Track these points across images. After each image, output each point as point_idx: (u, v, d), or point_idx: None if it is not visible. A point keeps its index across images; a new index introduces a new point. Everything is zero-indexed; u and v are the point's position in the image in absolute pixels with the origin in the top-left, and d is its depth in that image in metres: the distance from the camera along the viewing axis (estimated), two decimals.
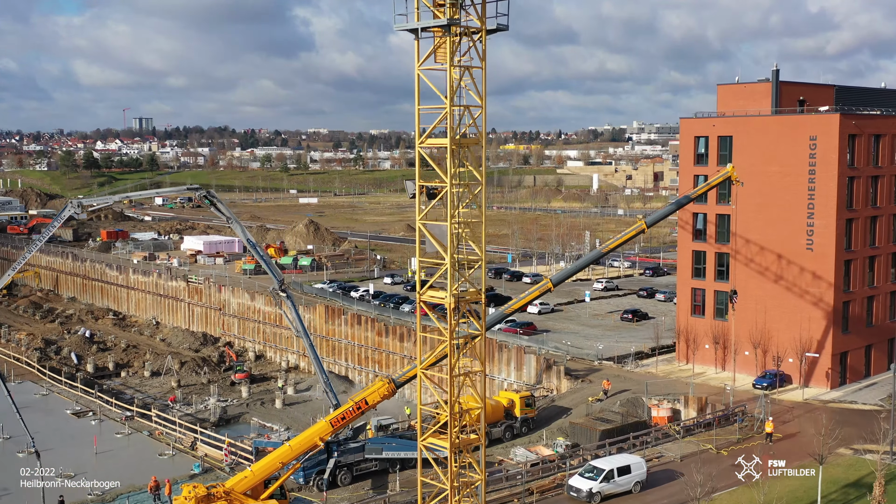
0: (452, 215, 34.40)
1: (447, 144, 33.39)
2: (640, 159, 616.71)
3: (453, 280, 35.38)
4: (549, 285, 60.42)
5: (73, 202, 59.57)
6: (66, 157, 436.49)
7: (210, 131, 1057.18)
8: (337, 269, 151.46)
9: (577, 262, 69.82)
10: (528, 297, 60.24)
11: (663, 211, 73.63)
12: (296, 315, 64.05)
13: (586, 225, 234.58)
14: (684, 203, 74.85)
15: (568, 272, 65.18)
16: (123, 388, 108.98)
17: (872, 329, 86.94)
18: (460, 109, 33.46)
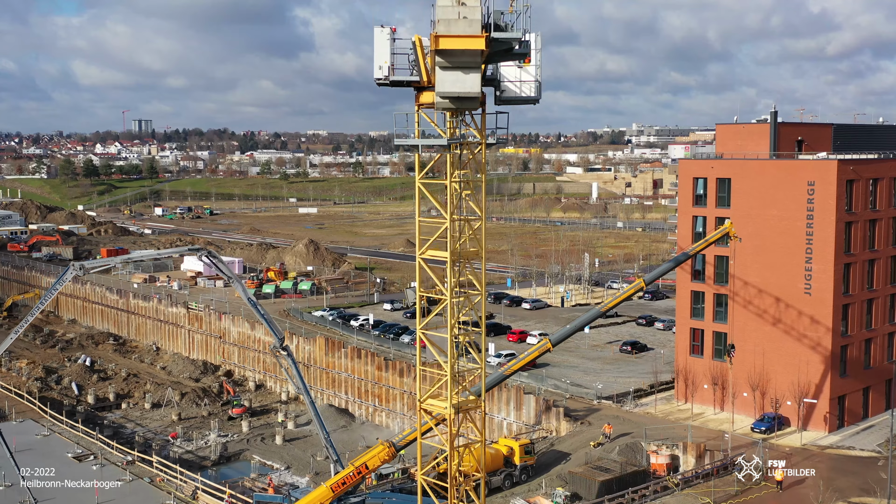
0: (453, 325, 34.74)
1: (447, 258, 33.74)
2: (640, 164, 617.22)
3: (454, 387, 35.76)
4: (549, 345, 60.83)
5: (76, 265, 59.96)
6: (65, 166, 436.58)
7: (209, 133, 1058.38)
8: (336, 293, 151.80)
9: (576, 321, 70.25)
10: (528, 358, 60.71)
11: (662, 269, 74.04)
12: (296, 372, 64.39)
13: (585, 239, 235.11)
14: (682, 260, 75.24)
15: (567, 332, 65.61)
16: (124, 422, 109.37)
17: (870, 371, 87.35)
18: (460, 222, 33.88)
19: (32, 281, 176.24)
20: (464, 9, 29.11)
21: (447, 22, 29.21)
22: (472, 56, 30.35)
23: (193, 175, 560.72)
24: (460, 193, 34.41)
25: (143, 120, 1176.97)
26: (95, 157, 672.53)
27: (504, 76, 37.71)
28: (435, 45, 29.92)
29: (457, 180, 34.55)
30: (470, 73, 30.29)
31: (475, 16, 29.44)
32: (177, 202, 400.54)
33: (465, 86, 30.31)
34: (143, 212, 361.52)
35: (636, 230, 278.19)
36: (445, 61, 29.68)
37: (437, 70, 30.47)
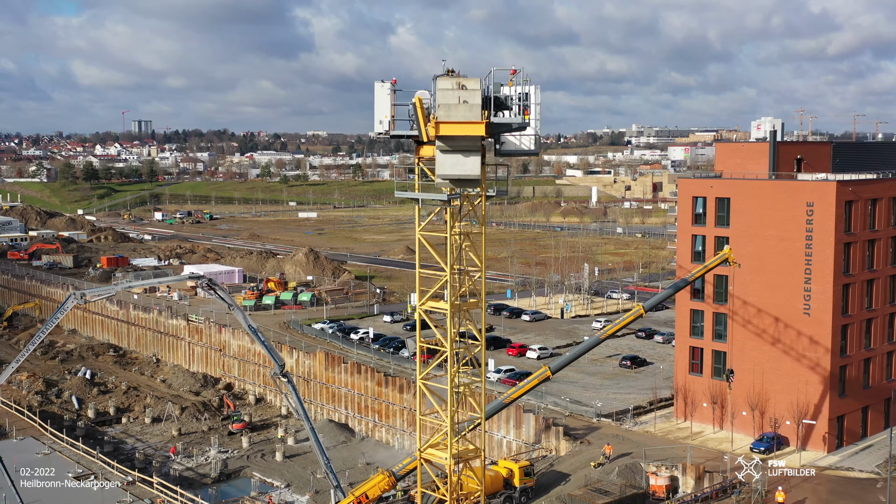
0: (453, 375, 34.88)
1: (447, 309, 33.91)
2: (640, 166, 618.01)
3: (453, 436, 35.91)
4: (549, 373, 61.00)
5: (76, 293, 60.11)
6: (65, 169, 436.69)
7: (209, 134, 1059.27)
8: (336, 304, 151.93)
9: (575, 350, 70.40)
10: (528, 387, 60.88)
11: (661, 295, 74.26)
12: (296, 398, 64.55)
13: (585, 246, 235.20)
14: (682, 286, 75.43)
15: (567, 360, 65.81)
16: (125, 437, 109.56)
17: (869, 390, 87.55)
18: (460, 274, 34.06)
19: (33, 290, 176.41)
20: (464, 93, 29.28)
21: (447, 107, 29.36)
22: (473, 141, 30.53)
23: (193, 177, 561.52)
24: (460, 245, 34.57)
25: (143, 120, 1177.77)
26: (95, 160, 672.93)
27: None
28: (436, 132, 30.09)
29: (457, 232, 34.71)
30: (470, 157, 30.51)
31: (475, 100, 29.59)
32: (177, 206, 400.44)
33: (466, 168, 30.54)
34: (143, 216, 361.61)
35: (636, 236, 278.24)
36: (446, 145, 29.85)
37: (438, 153, 30.65)
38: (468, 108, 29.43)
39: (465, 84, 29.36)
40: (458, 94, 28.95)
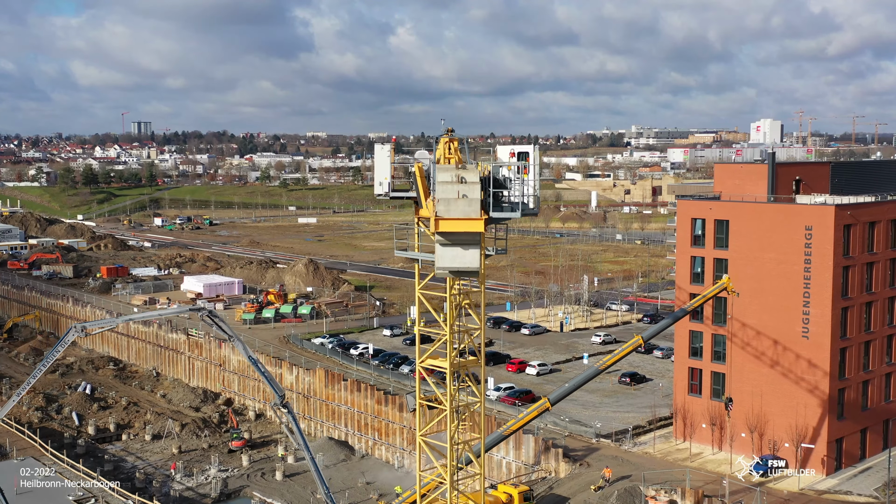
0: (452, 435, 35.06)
1: (446, 368, 34.10)
2: (639, 168, 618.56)
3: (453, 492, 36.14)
4: (548, 405, 61.19)
5: (77, 326, 60.32)
6: (65, 174, 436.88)
7: (209, 136, 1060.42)
8: (336, 317, 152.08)
9: (574, 380, 70.55)
10: (527, 419, 61.08)
11: (660, 325, 74.45)
12: (297, 429, 64.68)
13: (585, 253, 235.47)
14: (681, 316, 75.63)
15: (566, 391, 66.00)
16: (125, 454, 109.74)
17: (868, 412, 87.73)
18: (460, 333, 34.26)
19: (32, 301, 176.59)
20: (464, 187, 29.43)
21: (447, 202, 29.52)
22: (472, 235, 30.70)
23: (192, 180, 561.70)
24: (460, 303, 34.77)
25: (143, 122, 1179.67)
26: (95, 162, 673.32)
27: None
28: (435, 228, 30.27)
29: (456, 291, 34.91)
30: (469, 249, 30.69)
31: (475, 194, 29.79)
32: (176, 210, 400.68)
33: (465, 262, 30.74)
34: (143, 222, 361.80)
35: (635, 243, 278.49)
36: (445, 239, 30.02)
37: (437, 246, 30.83)
38: (467, 203, 29.58)
39: (464, 176, 29.47)
40: (457, 188, 29.08)
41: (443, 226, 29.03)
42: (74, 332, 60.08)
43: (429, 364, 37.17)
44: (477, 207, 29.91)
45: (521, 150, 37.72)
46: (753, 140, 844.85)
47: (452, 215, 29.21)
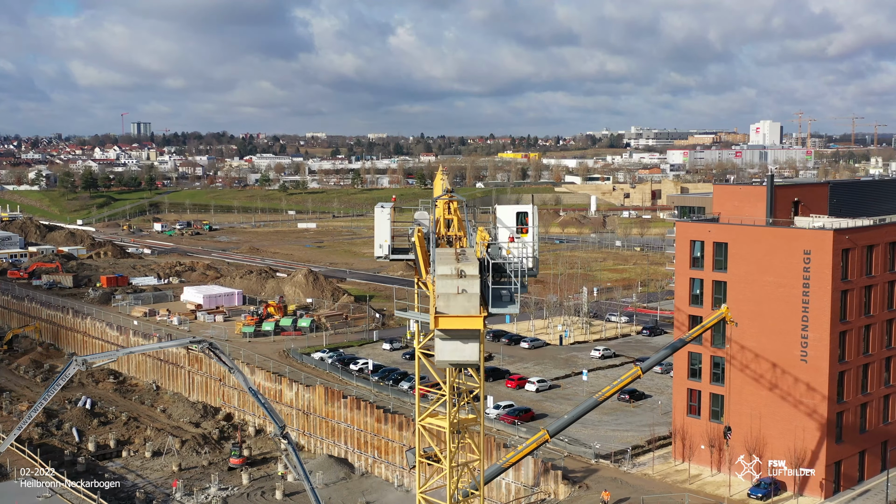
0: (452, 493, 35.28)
1: (446, 427, 34.30)
2: (639, 170, 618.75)
3: None
4: (547, 437, 61.41)
5: (78, 360, 60.52)
6: (64, 178, 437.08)
7: (208, 137, 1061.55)
8: (336, 329, 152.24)
9: (572, 412, 70.70)
10: (525, 452, 61.30)
11: (658, 356, 74.63)
12: (297, 459, 64.90)
13: (584, 261, 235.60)
14: (679, 347, 75.84)
15: (565, 423, 66.21)
16: (125, 472, 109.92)
17: (866, 435, 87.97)
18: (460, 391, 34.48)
19: (32, 312, 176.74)
20: (463, 281, 29.60)
21: (446, 297, 29.72)
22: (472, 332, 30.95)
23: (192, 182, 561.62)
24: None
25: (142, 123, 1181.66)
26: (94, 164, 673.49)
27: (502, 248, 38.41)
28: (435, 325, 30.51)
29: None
30: (469, 343, 30.85)
31: (474, 288, 29.97)
32: (176, 215, 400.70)
33: (465, 355, 30.92)
34: (143, 227, 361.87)
35: (635, 249, 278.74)
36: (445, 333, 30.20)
37: (437, 339, 31.04)
38: (467, 299, 29.75)
39: (463, 269, 29.67)
40: (456, 283, 29.27)
41: (442, 323, 29.20)
42: (75, 366, 60.25)
43: (428, 423, 37.41)
44: (476, 303, 30.09)
45: (521, 210, 37.98)
46: (753, 142, 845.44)
47: (452, 312, 29.40)
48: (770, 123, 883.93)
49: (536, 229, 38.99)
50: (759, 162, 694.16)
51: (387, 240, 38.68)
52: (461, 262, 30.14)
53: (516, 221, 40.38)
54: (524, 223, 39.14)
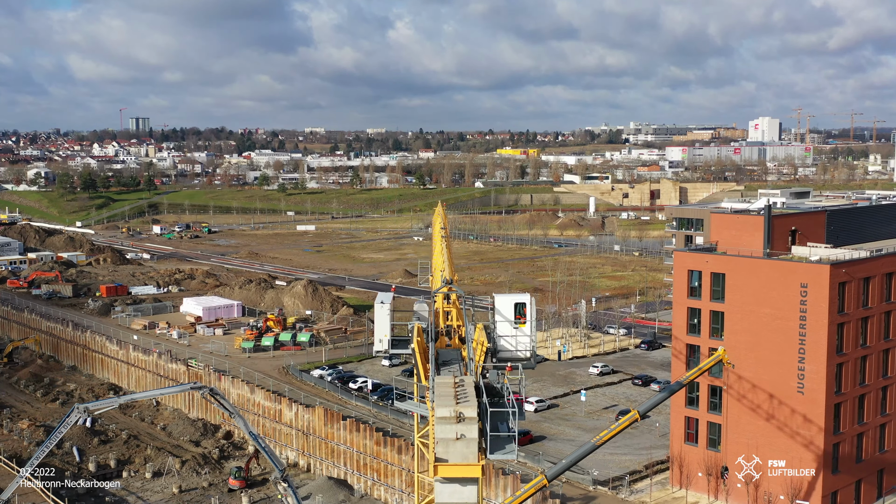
0: None
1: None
2: (638, 167, 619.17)
3: None
4: (545, 481, 61.95)
5: (80, 408, 61.01)
6: (63, 179, 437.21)
7: (207, 133, 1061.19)
8: (335, 343, 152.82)
9: (571, 457, 71.27)
10: (522, 498, 61.80)
11: (656, 399, 75.14)
12: (296, 502, 65.38)
13: (582, 268, 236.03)
14: (676, 389, 76.37)
15: (563, 467, 66.76)
16: (126, 494, 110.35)
17: (862, 464, 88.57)
18: None
19: (32, 324, 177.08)
20: (462, 426, 29.97)
21: (445, 442, 30.10)
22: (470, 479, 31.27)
23: (191, 179, 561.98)
24: None
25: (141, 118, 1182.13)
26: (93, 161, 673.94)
27: (500, 335, 38.90)
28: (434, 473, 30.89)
29: None
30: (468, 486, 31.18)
31: (472, 433, 30.32)
32: (175, 216, 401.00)
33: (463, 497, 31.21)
34: (141, 229, 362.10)
35: (633, 254, 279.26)
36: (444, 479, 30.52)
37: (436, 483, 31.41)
38: (465, 445, 30.06)
39: (462, 413, 30.04)
40: (455, 428, 29.66)
41: (441, 471, 29.56)
42: (77, 414, 60.76)
43: None
44: (475, 449, 30.43)
45: (519, 301, 38.43)
46: (752, 138, 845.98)
47: (452, 460, 29.77)
48: (769, 120, 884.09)
49: (534, 321, 39.39)
50: (758, 159, 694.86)
51: (386, 334, 39.32)
52: (460, 400, 30.54)
53: (514, 312, 40.88)
54: (522, 313, 39.59)
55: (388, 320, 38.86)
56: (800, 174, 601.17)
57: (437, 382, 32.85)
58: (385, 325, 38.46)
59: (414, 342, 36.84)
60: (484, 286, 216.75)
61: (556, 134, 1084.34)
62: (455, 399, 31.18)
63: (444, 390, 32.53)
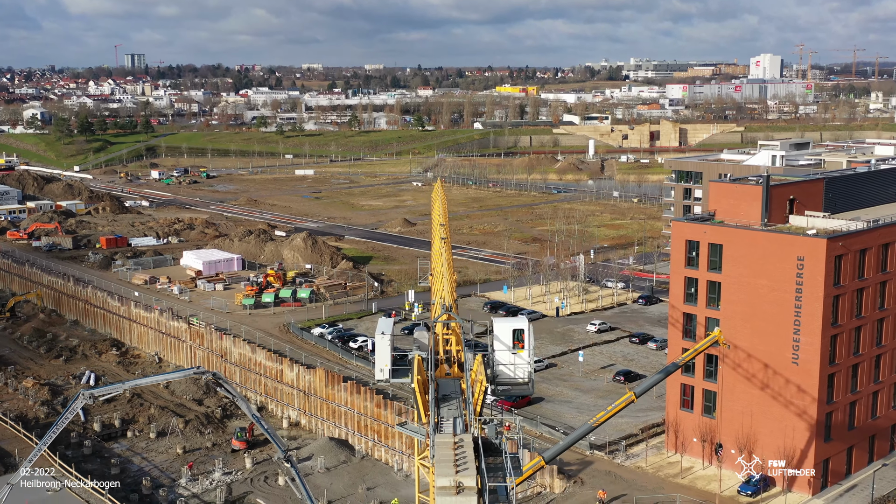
0: None
1: None
2: (637, 105, 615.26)
3: None
4: (543, 463, 63.27)
5: (85, 394, 61.95)
6: (60, 123, 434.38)
7: (203, 70, 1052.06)
8: (335, 299, 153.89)
9: (569, 438, 72.56)
10: (525, 476, 63.16)
11: (652, 380, 76.12)
12: (300, 483, 66.76)
13: (581, 215, 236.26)
14: (672, 371, 77.29)
15: (560, 448, 68.07)
16: (131, 455, 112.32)
17: (854, 431, 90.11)
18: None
19: (34, 277, 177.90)
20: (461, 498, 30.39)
21: None
22: None
23: (188, 119, 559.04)
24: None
25: (136, 54, 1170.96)
26: (89, 100, 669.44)
27: (499, 361, 39.49)
28: None
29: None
30: None
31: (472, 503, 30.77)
32: (173, 159, 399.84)
33: None
34: (139, 173, 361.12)
35: (632, 201, 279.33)
36: None
37: None
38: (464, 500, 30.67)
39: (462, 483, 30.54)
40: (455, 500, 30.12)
41: None
42: (83, 400, 61.72)
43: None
44: None
45: (517, 328, 38.95)
46: (753, 75, 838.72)
47: None
48: (770, 57, 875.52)
49: (532, 347, 40.03)
50: (759, 97, 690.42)
51: (387, 364, 40.05)
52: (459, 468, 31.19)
53: (513, 338, 41.50)
54: (520, 339, 40.21)
55: (389, 351, 39.59)
56: (800, 112, 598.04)
57: (436, 443, 33.61)
58: (386, 356, 39.22)
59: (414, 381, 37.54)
60: (482, 236, 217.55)
61: (555, 70, 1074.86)
62: (454, 465, 31.91)
63: (443, 453, 33.27)
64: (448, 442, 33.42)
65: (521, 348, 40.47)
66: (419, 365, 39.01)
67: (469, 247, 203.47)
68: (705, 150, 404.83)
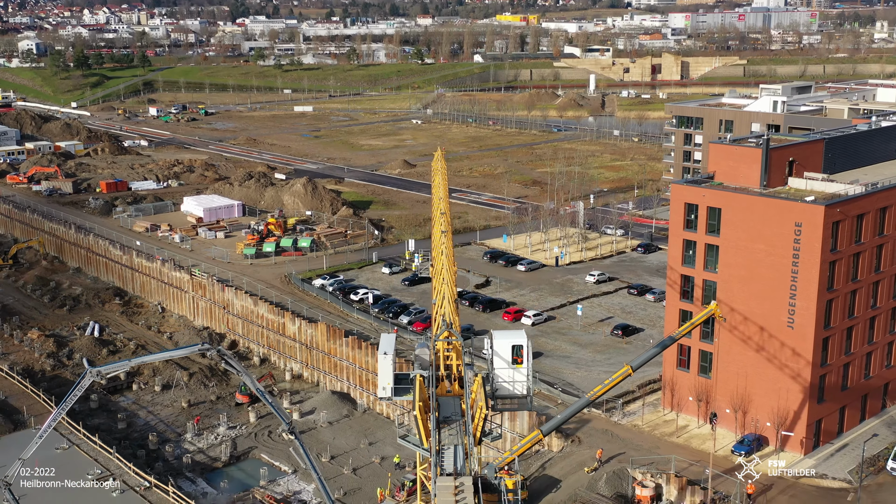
0: None
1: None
2: (640, 35, 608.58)
3: None
4: (541, 436, 64.76)
5: (93, 371, 63.10)
6: (56, 58, 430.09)
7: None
8: (335, 248, 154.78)
9: (565, 412, 73.88)
10: (521, 451, 64.70)
11: (648, 354, 77.14)
12: (304, 454, 68.34)
13: (581, 156, 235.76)
14: (668, 344, 78.30)
15: (558, 422, 69.42)
16: (136, 409, 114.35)
17: (847, 391, 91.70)
18: None
19: (35, 224, 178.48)
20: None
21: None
22: None
23: (185, 51, 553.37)
24: None
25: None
26: (84, 30, 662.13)
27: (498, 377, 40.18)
28: None
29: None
30: None
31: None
32: (171, 95, 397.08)
33: None
34: (138, 110, 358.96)
35: (632, 140, 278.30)
36: None
37: None
38: None
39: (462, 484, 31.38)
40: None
41: None
42: (90, 377, 62.90)
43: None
44: None
45: (516, 344, 39.62)
46: (757, 3, 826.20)
47: None
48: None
49: (531, 362, 40.79)
50: (763, 26, 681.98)
51: (389, 383, 40.93)
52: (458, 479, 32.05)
53: (512, 353, 42.23)
54: (519, 354, 40.95)
55: (391, 370, 40.48)
56: (804, 42, 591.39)
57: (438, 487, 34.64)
58: (388, 375, 40.10)
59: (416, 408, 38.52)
60: (482, 178, 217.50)
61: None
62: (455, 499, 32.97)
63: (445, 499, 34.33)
64: (449, 486, 34.55)
65: (521, 363, 41.33)
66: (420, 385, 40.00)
67: (469, 190, 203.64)
68: (707, 84, 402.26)
